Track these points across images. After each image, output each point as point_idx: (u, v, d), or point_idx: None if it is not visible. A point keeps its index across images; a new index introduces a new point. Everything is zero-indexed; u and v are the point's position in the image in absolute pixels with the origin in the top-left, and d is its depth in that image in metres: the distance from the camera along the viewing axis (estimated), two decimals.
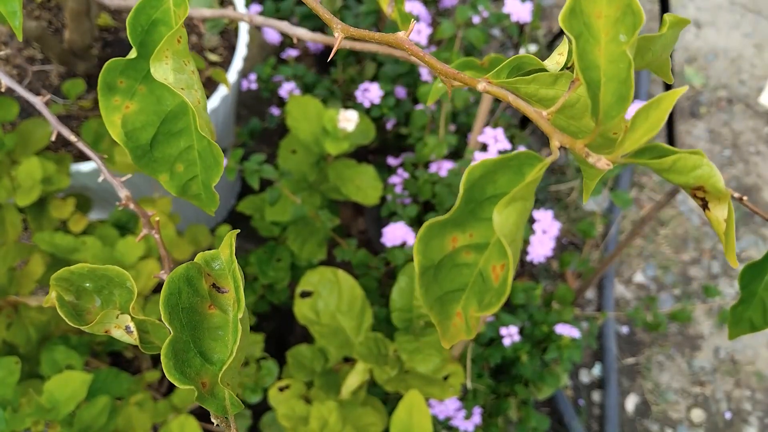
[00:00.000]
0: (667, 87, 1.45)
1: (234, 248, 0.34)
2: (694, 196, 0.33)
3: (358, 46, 0.75)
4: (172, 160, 0.44)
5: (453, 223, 0.34)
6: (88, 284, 0.34)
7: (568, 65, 0.38)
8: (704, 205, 0.33)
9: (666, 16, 0.35)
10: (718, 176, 0.31)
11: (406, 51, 0.37)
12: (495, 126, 1.29)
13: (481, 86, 0.35)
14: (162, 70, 0.38)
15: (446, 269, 0.35)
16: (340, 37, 0.38)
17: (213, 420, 0.31)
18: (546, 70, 0.37)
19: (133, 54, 0.41)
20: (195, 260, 0.34)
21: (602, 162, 0.31)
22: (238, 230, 0.36)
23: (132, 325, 0.33)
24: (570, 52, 0.38)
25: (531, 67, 0.38)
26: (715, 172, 0.31)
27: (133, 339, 0.33)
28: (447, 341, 0.36)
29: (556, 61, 0.38)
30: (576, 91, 0.35)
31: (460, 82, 0.36)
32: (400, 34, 0.38)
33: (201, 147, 0.43)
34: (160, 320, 0.34)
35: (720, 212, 0.33)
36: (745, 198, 0.52)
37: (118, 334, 0.33)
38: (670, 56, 1.50)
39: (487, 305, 0.34)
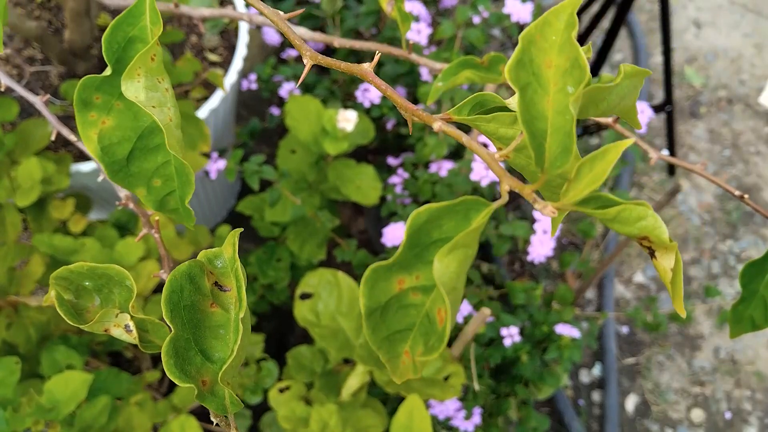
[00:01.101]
0: (668, 87, 1.45)
1: (237, 247, 0.34)
2: (641, 245, 0.33)
3: (358, 45, 0.75)
4: (149, 175, 0.44)
5: (399, 266, 0.34)
6: (87, 283, 0.34)
7: None
8: (651, 254, 0.33)
9: (622, 66, 0.34)
10: (662, 228, 0.31)
11: (371, 83, 0.38)
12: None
13: (436, 126, 0.35)
14: (133, 88, 0.38)
15: (393, 310, 0.35)
16: (309, 63, 0.39)
17: (213, 419, 0.31)
18: (507, 109, 0.37)
19: (108, 71, 0.41)
20: (198, 258, 0.34)
21: (548, 209, 0.31)
22: (241, 229, 0.36)
23: (131, 323, 0.33)
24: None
25: (494, 104, 0.38)
26: (659, 224, 0.31)
27: (132, 338, 0.33)
28: (398, 378, 0.36)
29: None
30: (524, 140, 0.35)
31: (418, 119, 0.36)
32: (365, 65, 0.38)
33: (177, 163, 0.43)
34: (160, 320, 0.34)
35: (666, 262, 0.32)
36: (746, 196, 0.52)
37: (117, 333, 0.33)
38: (669, 57, 1.49)
39: (431, 348, 0.35)
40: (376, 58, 0.38)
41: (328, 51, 1.37)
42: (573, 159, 0.30)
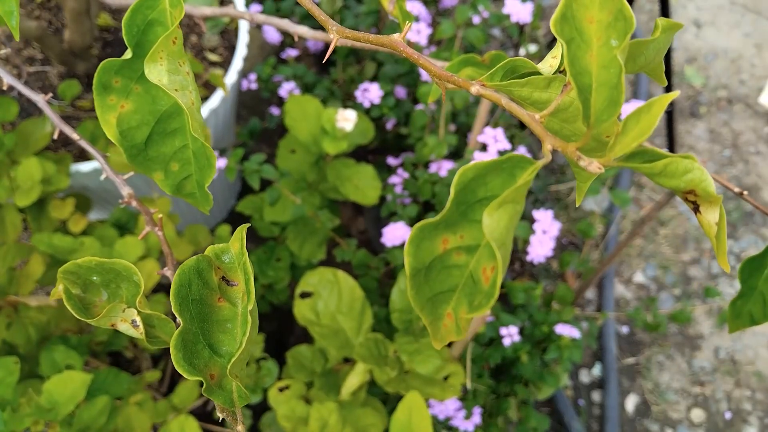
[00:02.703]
0: (668, 88, 1.45)
1: (245, 242, 0.34)
2: (686, 200, 0.33)
3: (358, 44, 0.75)
4: (167, 159, 0.44)
5: (444, 224, 0.34)
6: (95, 278, 0.34)
7: (561, 69, 0.38)
8: (696, 209, 0.33)
9: (658, 20, 0.34)
10: (709, 180, 0.31)
11: (401, 53, 0.37)
12: (495, 126, 1.29)
13: (474, 89, 0.35)
14: (156, 72, 0.38)
15: (437, 270, 0.35)
16: (335, 38, 0.38)
17: (219, 413, 0.31)
18: (540, 74, 0.37)
19: (128, 54, 0.41)
20: (205, 253, 0.34)
21: (594, 165, 0.31)
22: (249, 224, 0.36)
23: (138, 319, 0.33)
24: (563, 56, 0.38)
25: (525, 70, 0.38)
26: (706, 176, 0.31)
27: (139, 333, 0.33)
28: (438, 342, 0.36)
29: (549, 64, 0.38)
30: (569, 95, 0.35)
31: (454, 84, 0.36)
32: (395, 36, 0.37)
33: (195, 147, 0.43)
34: (165, 315, 0.34)
35: (711, 216, 0.32)
36: (745, 192, 0.53)
37: (124, 327, 0.33)
38: (669, 57, 1.49)
39: (477, 306, 0.35)
40: (406, 28, 0.38)
41: (328, 50, 1.37)
42: (618, 113, 0.30)
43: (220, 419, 0.31)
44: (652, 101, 0.28)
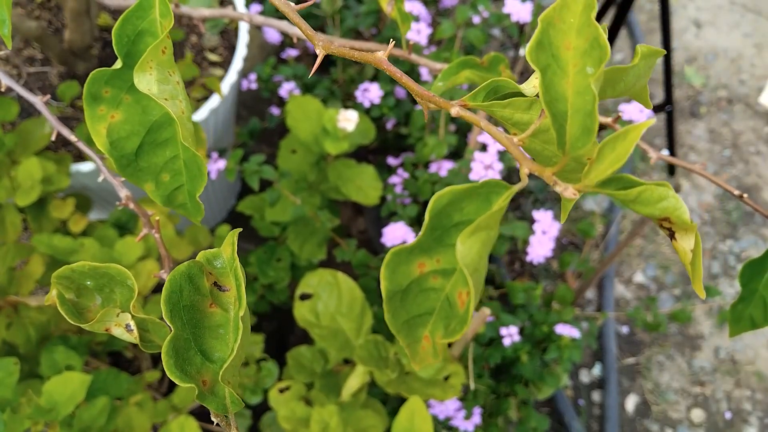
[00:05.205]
0: (668, 87, 1.45)
1: (236, 247, 0.34)
2: (661, 227, 0.33)
3: (357, 45, 0.75)
4: (157, 170, 0.43)
5: (420, 249, 0.34)
6: (89, 282, 0.34)
7: None
8: (671, 236, 0.33)
9: (639, 47, 0.34)
10: (683, 208, 0.31)
11: (384, 71, 0.37)
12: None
13: (454, 111, 0.35)
14: (146, 81, 0.38)
15: (413, 294, 0.35)
16: (321, 53, 0.39)
17: (213, 419, 0.31)
18: (522, 95, 0.37)
19: (118, 64, 0.41)
20: (197, 258, 0.34)
21: (569, 191, 0.31)
22: (240, 229, 0.36)
23: (132, 323, 0.33)
24: None
25: (508, 91, 0.38)
26: (680, 205, 0.31)
27: (133, 337, 0.33)
28: (417, 363, 0.36)
29: (533, 85, 0.38)
30: (547, 119, 0.35)
31: (435, 105, 0.36)
32: (379, 53, 0.38)
33: (186, 157, 0.43)
34: (161, 319, 0.34)
35: (686, 243, 0.32)
36: (745, 195, 0.52)
37: (118, 332, 0.33)
38: (669, 57, 1.49)
39: (452, 332, 0.35)
40: (390, 46, 0.38)
41: None
42: (593, 141, 0.30)
43: (215, 423, 0.32)
44: (628, 129, 0.28)
